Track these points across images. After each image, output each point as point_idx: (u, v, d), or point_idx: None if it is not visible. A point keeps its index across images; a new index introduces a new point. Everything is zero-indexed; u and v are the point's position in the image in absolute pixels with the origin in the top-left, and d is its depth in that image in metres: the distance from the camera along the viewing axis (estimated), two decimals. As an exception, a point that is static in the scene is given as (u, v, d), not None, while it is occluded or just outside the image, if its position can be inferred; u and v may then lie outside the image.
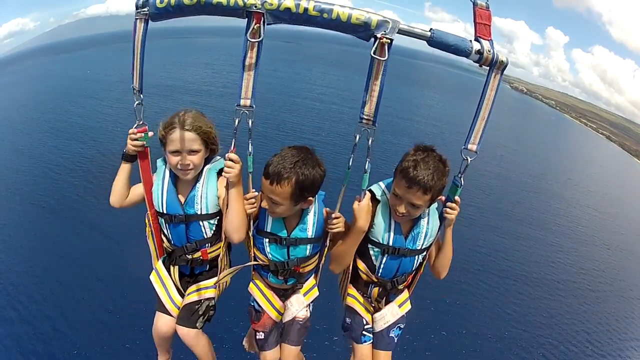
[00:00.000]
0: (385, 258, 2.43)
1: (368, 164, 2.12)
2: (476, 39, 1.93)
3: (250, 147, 2.09)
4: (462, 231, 17.97)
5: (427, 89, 71.88)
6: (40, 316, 10.99)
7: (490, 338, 12.72)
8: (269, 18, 1.84)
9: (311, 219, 2.36)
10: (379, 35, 1.83)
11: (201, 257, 2.51)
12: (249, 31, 1.86)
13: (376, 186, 2.40)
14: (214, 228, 2.44)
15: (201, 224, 2.41)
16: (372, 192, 2.35)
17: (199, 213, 2.38)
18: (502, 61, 1.92)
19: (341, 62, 78.24)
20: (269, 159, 2.20)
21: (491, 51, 1.90)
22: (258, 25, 1.85)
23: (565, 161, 44.69)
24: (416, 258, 2.47)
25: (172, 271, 2.59)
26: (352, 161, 2.12)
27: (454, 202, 2.27)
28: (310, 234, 2.37)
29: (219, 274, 2.46)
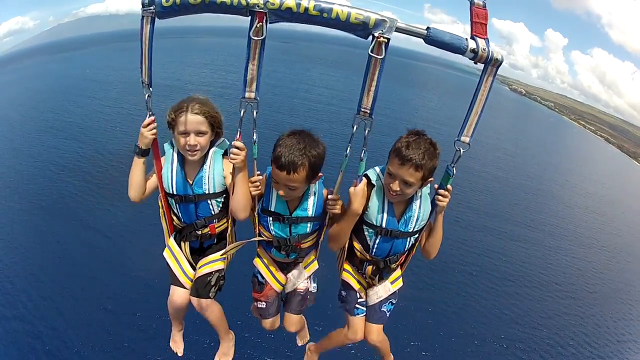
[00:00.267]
0: (378, 239, 2.58)
1: (364, 153, 2.30)
2: (472, 37, 1.97)
3: (255, 136, 2.26)
4: (461, 232, 18.01)
5: (426, 90, 71.97)
6: (38, 314, 11.01)
7: (488, 339, 12.76)
8: (271, 17, 1.89)
9: (311, 199, 2.53)
10: (376, 34, 1.89)
11: (209, 232, 2.70)
12: (252, 29, 1.92)
13: (372, 171, 2.52)
14: (220, 205, 2.63)
15: (209, 202, 2.59)
16: (368, 177, 2.48)
17: (207, 192, 2.55)
18: (496, 59, 1.97)
19: (340, 62, 78.38)
20: (270, 149, 2.35)
21: (486, 49, 1.95)
22: (261, 23, 1.91)
23: (564, 163, 44.79)
24: (408, 240, 2.62)
25: (183, 247, 2.78)
26: (349, 149, 2.28)
27: (445, 190, 2.40)
28: (310, 213, 2.54)
29: (227, 246, 2.71)
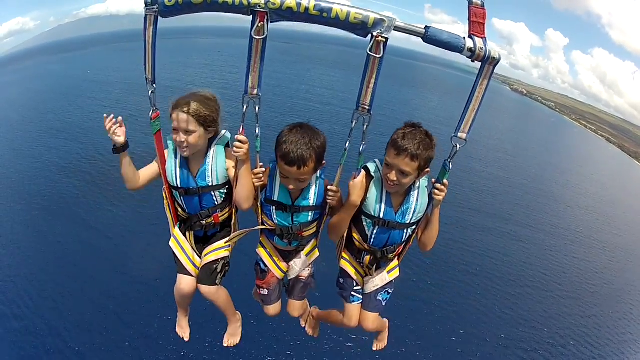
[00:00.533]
0: (376, 229, 2.67)
1: (363, 147, 2.38)
2: (470, 36, 2.01)
3: (258, 130, 2.37)
4: (462, 232, 18.02)
5: (426, 90, 71.92)
6: (38, 314, 11.05)
7: (489, 339, 12.77)
8: (272, 16, 1.94)
9: (313, 189, 2.61)
10: (375, 34, 1.93)
11: (213, 221, 2.83)
12: (253, 28, 1.97)
13: (371, 163, 2.60)
14: (224, 195, 2.74)
15: (213, 193, 2.71)
16: (367, 169, 2.57)
17: (210, 185, 2.67)
18: (494, 57, 2.00)
19: (340, 62, 78.39)
20: (271, 147, 2.43)
21: (483, 49, 1.98)
22: (262, 23, 1.95)
23: (565, 163, 44.67)
24: (405, 231, 2.70)
25: (188, 236, 2.91)
26: (348, 144, 2.36)
27: (442, 184, 2.47)
28: (312, 202, 2.64)
29: (232, 233, 2.83)
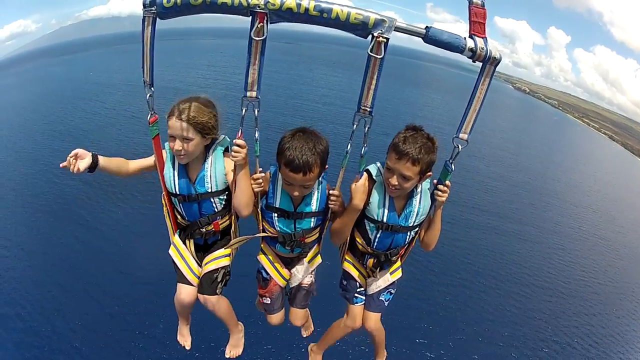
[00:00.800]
0: (379, 233, 2.65)
1: (364, 150, 2.34)
2: (470, 36, 1.98)
3: (257, 134, 2.28)
4: (464, 231, 17.98)
5: (429, 89, 71.74)
6: (41, 315, 11.08)
7: (493, 337, 12.71)
8: (271, 17, 1.91)
9: (315, 194, 2.56)
10: (375, 34, 1.91)
11: (214, 229, 2.76)
12: (253, 30, 1.94)
13: (373, 166, 2.58)
14: (223, 202, 2.67)
15: (212, 200, 2.63)
16: (369, 173, 2.55)
17: (209, 191, 2.59)
18: (494, 57, 1.97)
19: (342, 63, 78.30)
20: (272, 149, 2.39)
21: (484, 49, 1.96)
22: (262, 24, 1.92)
23: (568, 161, 44.48)
24: (408, 234, 2.68)
25: (188, 244, 2.82)
26: (350, 146, 2.33)
27: (444, 186, 2.45)
28: (314, 208, 2.59)
29: (232, 240, 2.76)
